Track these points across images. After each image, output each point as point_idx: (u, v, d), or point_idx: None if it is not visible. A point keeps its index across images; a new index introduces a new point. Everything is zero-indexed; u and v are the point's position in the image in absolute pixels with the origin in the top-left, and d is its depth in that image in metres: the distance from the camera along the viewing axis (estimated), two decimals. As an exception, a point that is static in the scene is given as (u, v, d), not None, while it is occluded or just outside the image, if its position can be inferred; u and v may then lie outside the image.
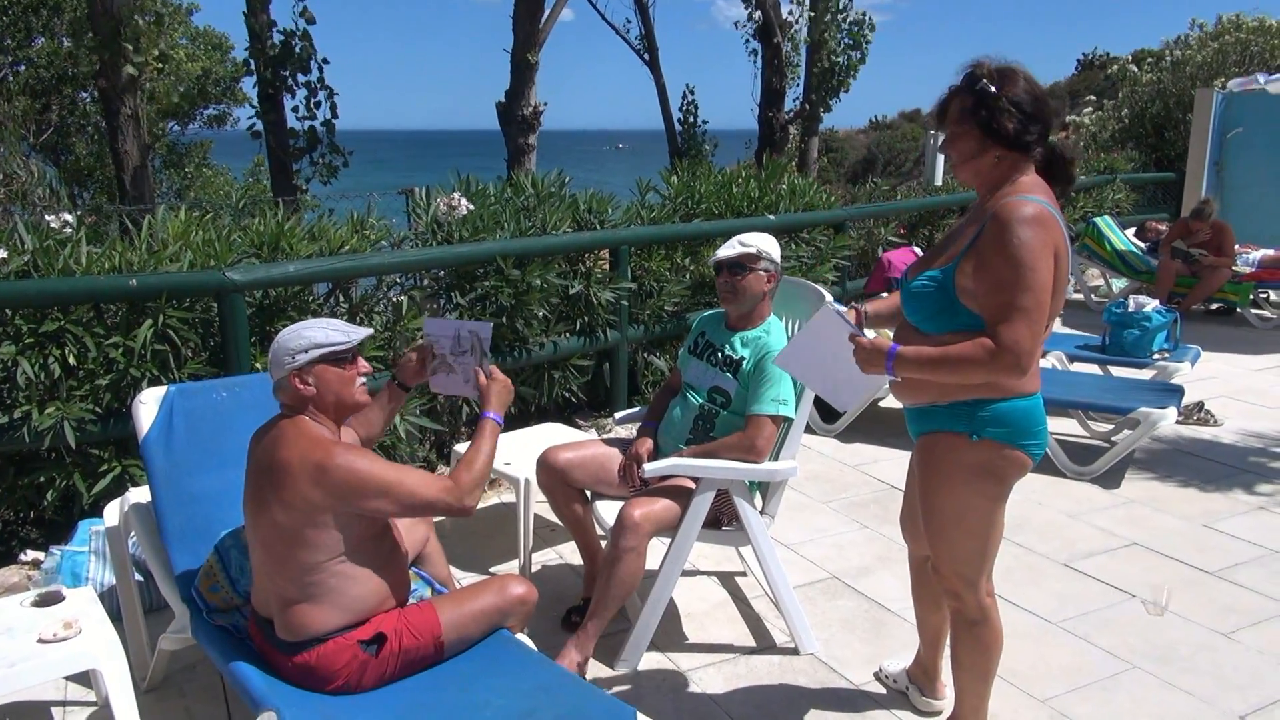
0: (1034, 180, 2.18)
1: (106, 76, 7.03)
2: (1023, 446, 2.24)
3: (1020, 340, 2.04)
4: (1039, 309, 2.06)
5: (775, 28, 12.95)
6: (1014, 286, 2.05)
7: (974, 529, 2.31)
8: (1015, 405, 2.21)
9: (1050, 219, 2.10)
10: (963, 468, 2.25)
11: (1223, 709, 2.81)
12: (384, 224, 4.52)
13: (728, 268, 3.16)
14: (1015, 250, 2.04)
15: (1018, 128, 2.12)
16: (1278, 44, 12.82)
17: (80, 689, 2.90)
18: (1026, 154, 2.17)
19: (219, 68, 17.33)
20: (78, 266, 3.52)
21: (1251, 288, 8.05)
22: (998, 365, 2.06)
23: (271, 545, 2.24)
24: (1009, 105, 2.11)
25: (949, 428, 2.25)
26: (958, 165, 2.23)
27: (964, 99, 2.17)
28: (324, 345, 2.28)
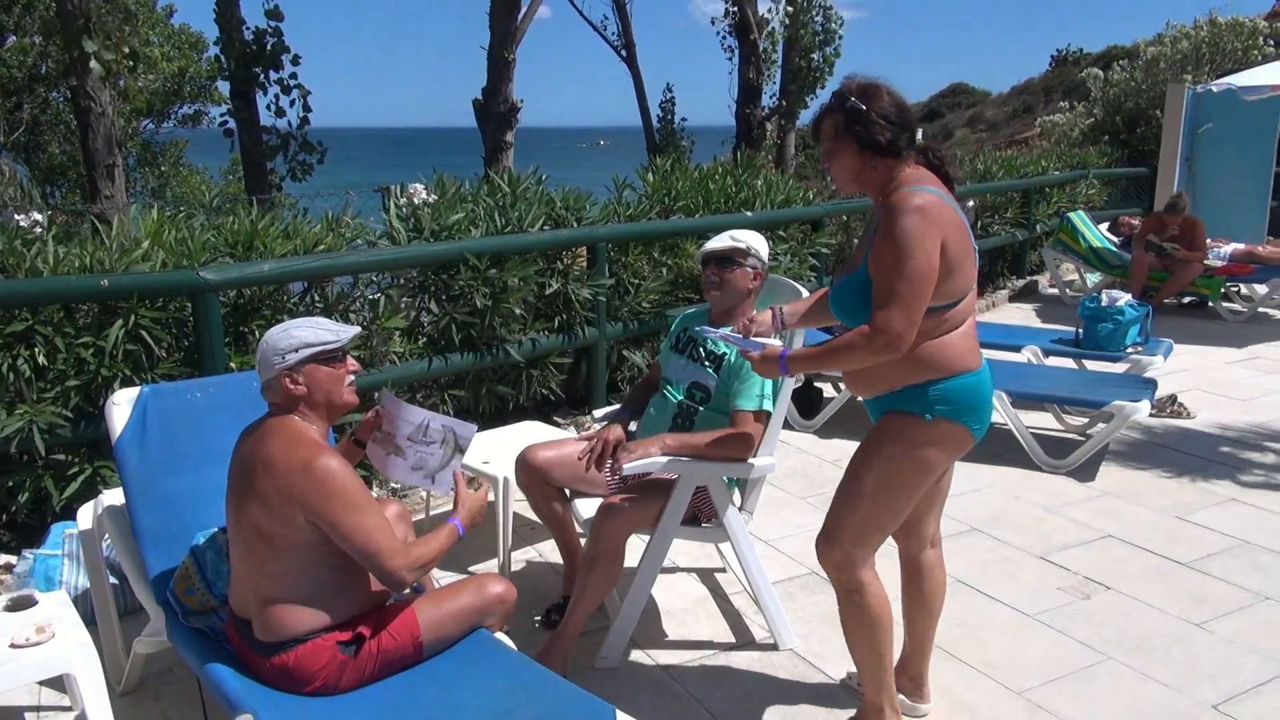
0: (918, 172, 2.34)
1: (76, 74, 6.95)
2: (967, 424, 2.35)
3: (892, 323, 2.19)
4: (913, 295, 2.19)
5: (752, 25, 12.96)
6: (892, 272, 2.20)
7: (894, 503, 2.41)
8: (960, 382, 2.33)
9: (936, 205, 2.23)
10: (908, 445, 2.36)
11: (1196, 698, 2.85)
12: (359, 222, 4.49)
13: (715, 260, 3.17)
14: (896, 238, 2.19)
15: (889, 138, 2.29)
16: (1251, 43, 12.96)
17: (54, 694, 2.87)
18: (899, 158, 2.33)
19: (195, 67, 17.18)
20: (45, 266, 3.48)
21: (1223, 281, 8.15)
22: (873, 348, 2.22)
23: (251, 544, 2.22)
24: (878, 118, 2.28)
25: (904, 408, 2.37)
26: (839, 177, 2.39)
27: (836, 117, 2.34)
28: (314, 345, 2.27)
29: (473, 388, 4.74)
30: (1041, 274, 9.69)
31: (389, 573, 2.20)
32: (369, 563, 2.21)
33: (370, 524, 2.18)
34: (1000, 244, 9.22)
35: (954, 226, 2.25)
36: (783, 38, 13.45)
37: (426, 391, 4.67)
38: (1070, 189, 10.21)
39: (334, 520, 2.16)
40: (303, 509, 2.16)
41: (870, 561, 2.47)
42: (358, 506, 2.18)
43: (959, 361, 2.32)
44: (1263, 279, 8.17)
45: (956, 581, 3.57)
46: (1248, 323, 8.05)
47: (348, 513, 2.16)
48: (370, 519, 2.19)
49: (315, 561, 2.22)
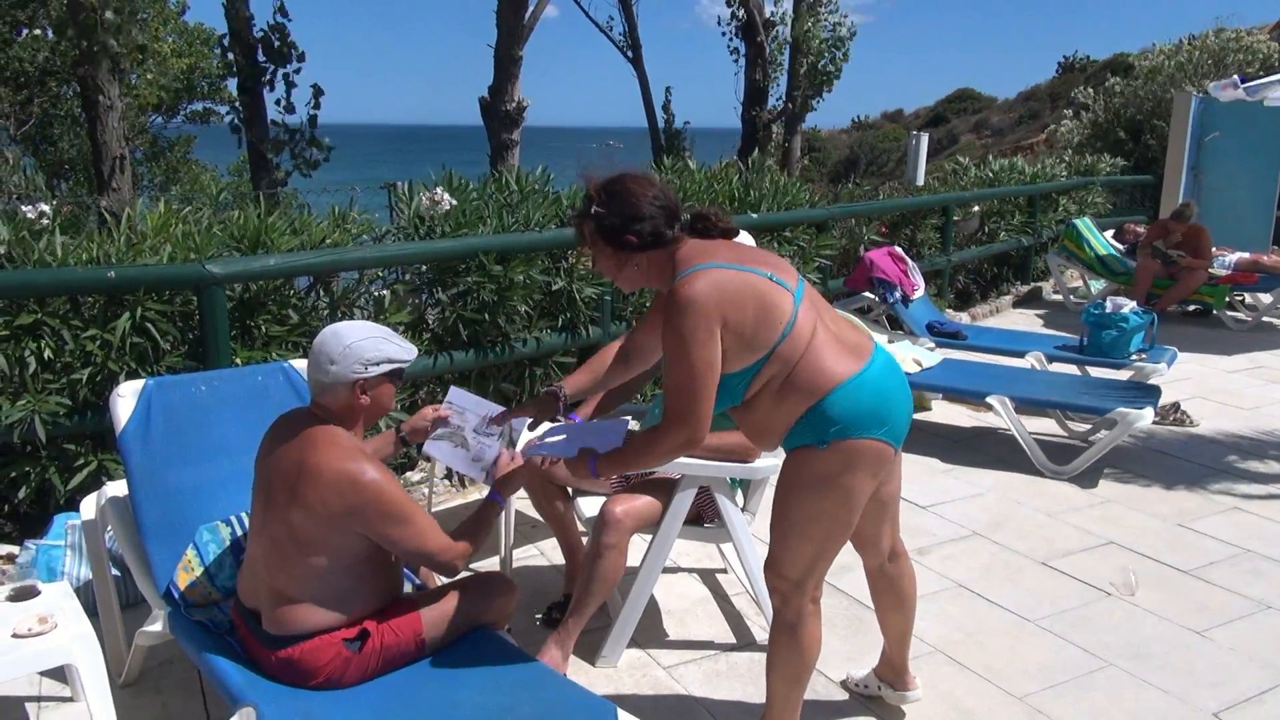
0: (692, 247, 2.25)
1: (85, 66, 6.96)
2: (870, 435, 2.22)
3: (681, 413, 2.16)
4: (699, 386, 2.14)
5: (759, 27, 12.97)
6: (674, 369, 2.16)
7: (816, 536, 2.31)
8: (837, 395, 2.20)
9: (707, 286, 2.13)
10: (815, 477, 2.26)
11: (1196, 706, 2.85)
12: (365, 218, 4.50)
13: None
14: (674, 332, 2.14)
15: (648, 234, 2.22)
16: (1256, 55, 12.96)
17: (55, 684, 2.87)
18: (663, 246, 2.24)
19: (206, 63, 17.20)
20: (53, 258, 3.49)
21: (1227, 290, 8.14)
22: (670, 438, 2.20)
23: (281, 544, 2.22)
24: (627, 218, 2.21)
25: (800, 443, 2.28)
26: (614, 278, 2.33)
27: (587, 223, 2.27)
28: (396, 361, 2.28)
29: (478, 385, 4.74)
30: (1046, 280, 9.69)
31: (443, 566, 2.30)
32: (424, 562, 2.31)
33: (421, 527, 2.25)
34: (1005, 249, 9.22)
35: (738, 294, 2.15)
36: (789, 40, 13.45)
37: (431, 388, 4.67)
38: (1076, 196, 10.20)
39: (389, 532, 2.22)
40: (351, 521, 2.18)
41: (816, 592, 2.41)
42: (407, 515, 2.22)
43: (824, 378, 2.21)
44: (1267, 288, 8.17)
45: (957, 586, 3.58)
46: (1252, 331, 8.04)
47: (400, 524, 2.21)
48: (420, 522, 2.25)
49: (340, 567, 2.24)
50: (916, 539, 3.96)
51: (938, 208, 8.12)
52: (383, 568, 2.33)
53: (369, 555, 2.27)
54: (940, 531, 4.04)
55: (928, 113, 39.11)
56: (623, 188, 2.25)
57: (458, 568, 2.33)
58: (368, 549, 2.25)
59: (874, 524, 2.53)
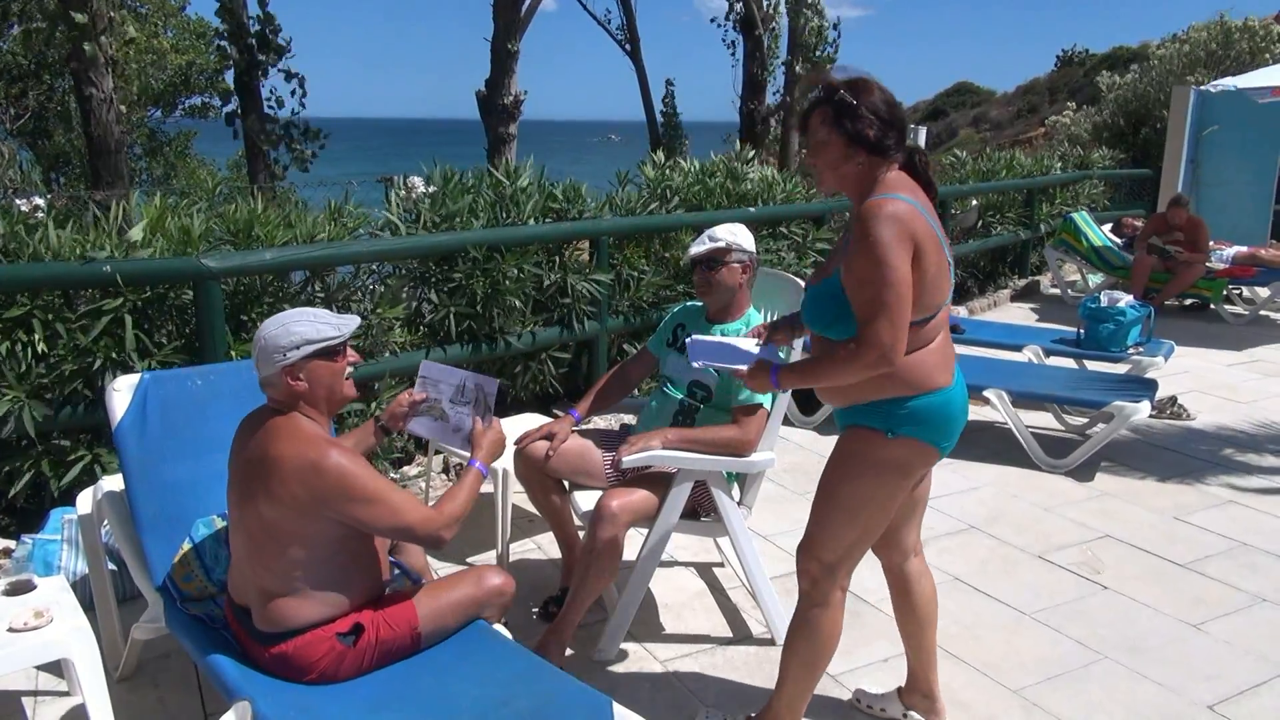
0: (898, 177, 2.26)
1: (78, 59, 6.94)
2: (933, 443, 2.29)
3: (879, 335, 2.11)
4: (897, 303, 2.11)
5: (756, 20, 12.95)
6: (872, 283, 2.12)
7: (865, 521, 2.33)
8: (929, 401, 2.25)
9: (909, 213, 2.16)
10: (874, 463, 2.30)
11: (1191, 699, 2.85)
12: (361, 212, 4.49)
13: (701, 263, 3.17)
14: (871, 248, 2.12)
15: (877, 134, 2.21)
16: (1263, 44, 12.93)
17: (52, 679, 2.87)
18: (886, 157, 2.25)
19: (204, 58, 17.16)
20: (48, 251, 3.48)
21: (1225, 284, 8.14)
22: (865, 362, 2.14)
23: (255, 537, 2.22)
24: (868, 113, 2.21)
25: (867, 423, 2.30)
26: (822, 172, 2.31)
27: (824, 111, 2.25)
28: (315, 341, 2.24)
29: (473, 380, 4.73)
30: (1043, 274, 9.69)
31: (426, 538, 2.26)
32: (405, 537, 2.26)
33: (395, 503, 2.21)
34: (1003, 243, 9.22)
35: (929, 239, 2.18)
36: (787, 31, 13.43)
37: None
38: (1074, 189, 10.20)
39: (359, 514, 2.19)
40: (321, 508, 2.16)
41: (846, 580, 2.41)
42: (378, 493, 2.19)
43: (929, 379, 2.25)
44: (1265, 282, 8.17)
45: (954, 579, 3.58)
46: (1249, 325, 8.04)
47: (371, 503, 2.18)
48: (393, 499, 2.21)
49: (320, 557, 2.23)
50: (913, 532, 3.96)
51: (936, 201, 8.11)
52: (364, 556, 2.32)
53: (346, 543, 2.25)
54: (937, 525, 4.04)
55: (926, 106, 39.06)
56: (877, 88, 2.25)
57: (443, 538, 2.26)
58: (343, 536, 2.23)
59: (904, 518, 2.53)
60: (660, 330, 3.41)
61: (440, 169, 4.85)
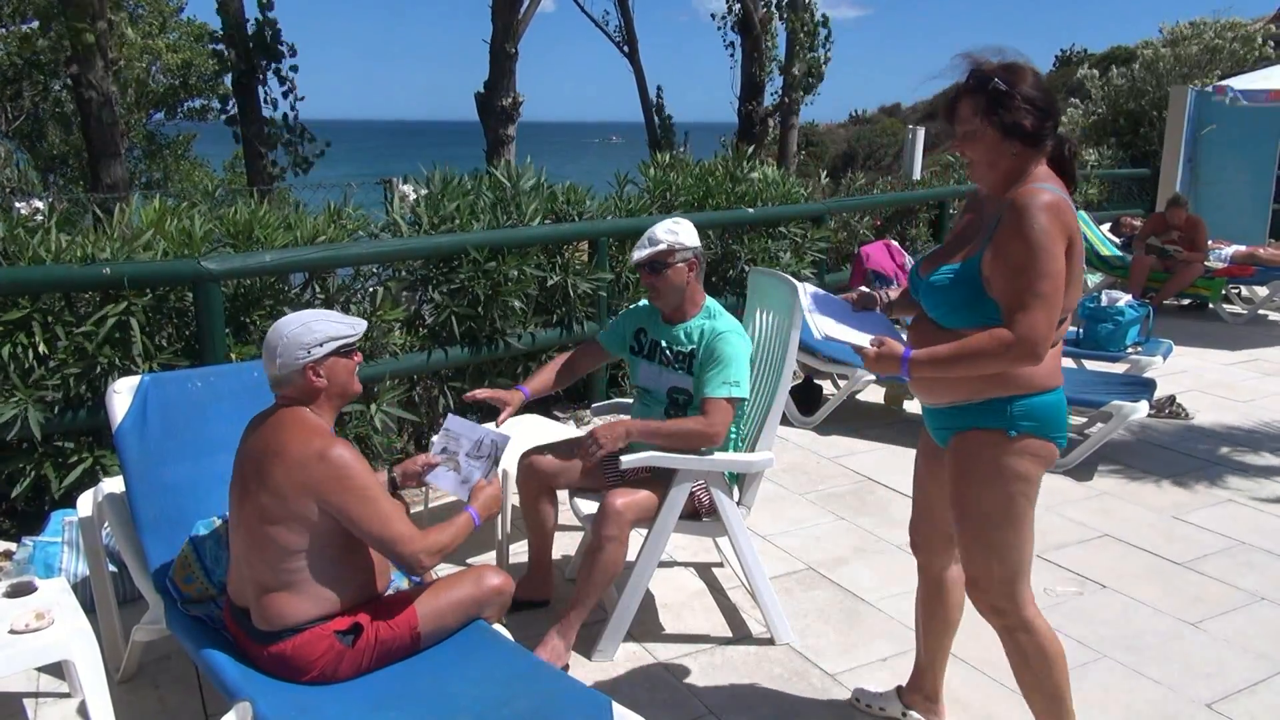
0: (1046, 171, 2.17)
1: (78, 62, 6.94)
2: (1053, 438, 2.20)
3: (1036, 327, 2.02)
4: (1055, 295, 2.04)
5: (755, 21, 12.95)
6: (1029, 272, 2.03)
7: (1014, 530, 2.22)
8: (1046, 400, 2.18)
9: (1066, 207, 2.08)
10: (1002, 466, 2.18)
11: (1189, 697, 2.86)
12: (361, 214, 4.50)
13: (644, 267, 3.11)
14: (1031, 236, 2.03)
15: (1035, 123, 2.11)
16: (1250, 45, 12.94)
17: (53, 680, 2.88)
18: (1039, 148, 2.15)
19: (201, 60, 17.16)
20: (48, 254, 3.48)
21: (1223, 283, 8.15)
22: (1013, 354, 2.05)
23: (255, 532, 2.24)
24: (1024, 103, 2.10)
25: (986, 425, 2.19)
26: (976, 164, 2.20)
27: (976, 99, 2.13)
28: (337, 338, 2.32)
29: (473, 380, 4.74)
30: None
31: (406, 558, 2.26)
32: (386, 549, 2.26)
33: (386, 511, 2.24)
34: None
35: (1078, 236, 2.10)
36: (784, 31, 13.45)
37: (426, 384, 4.68)
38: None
39: (350, 509, 2.21)
40: (317, 498, 2.19)
41: (1030, 595, 2.27)
42: (373, 495, 2.23)
43: (1050, 378, 2.17)
44: (1263, 281, 8.17)
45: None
46: (1248, 325, 8.05)
47: (364, 502, 2.21)
48: (385, 506, 2.24)
49: (317, 552, 2.24)
50: (912, 532, 3.97)
51: (933, 202, 8.12)
52: (359, 554, 2.33)
53: (342, 537, 2.26)
54: (936, 525, 4.05)
55: (925, 106, 39.07)
56: (1025, 71, 2.13)
57: (421, 562, 2.26)
58: (339, 529, 2.25)
59: (949, 522, 2.39)
60: (617, 330, 3.35)
61: (439, 171, 4.86)
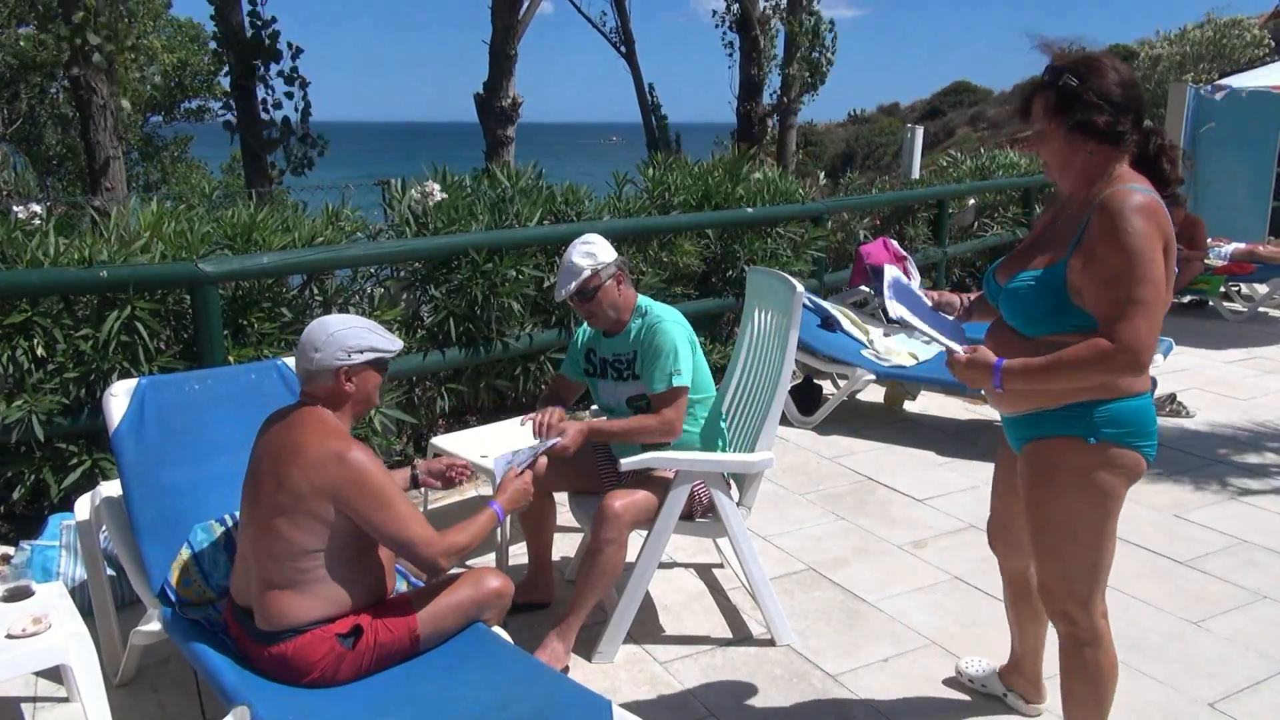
0: (1131, 171, 2.08)
1: (78, 65, 6.94)
2: (1139, 447, 2.12)
3: (1139, 336, 1.94)
4: (1157, 300, 1.95)
5: (753, 20, 12.95)
6: (1129, 279, 1.94)
7: (1089, 541, 2.17)
8: (1131, 405, 2.09)
9: (1160, 209, 2.00)
10: (1079, 474, 2.12)
11: (1191, 696, 2.85)
12: (359, 215, 4.49)
13: (575, 298, 3.05)
14: (1128, 240, 1.94)
15: (1109, 120, 2.03)
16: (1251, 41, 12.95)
17: (51, 685, 2.87)
18: (1120, 146, 2.06)
19: (195, 59, 17.16)
20: (46, 258, 3.48)
21: (1222, 280, 8.14)
22: (1115, 365, 1.97)
23: (265, 526, 2.24)
24: (1097, 99, 2.02)
25: (1064, 432, 2.13)
26: (1049, 165, 2.14)
27: (1047, 96, 2.08)
28: (380, 351, 2.34)
29: (471, 382, 4.74)
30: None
31: (425, 560, 2.27)
32: (405, 552, 2.28)
33: (403, 514, 2.25)
34: (1000, 243, 9.21)
35: (1171, 236, 2.00)
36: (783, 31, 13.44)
37: (425, 386, 4.67)
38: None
39: (367, 512, 2.21)
40: (333, 500, 2.20)
41: (1103, 608, 2.24)
42: (391, 498, 2.24)
43: (1136, 383, 2.08)
44: (1263, 278, 8.16)
45: (954, 578, 3.58)
46: (1248, 322, 8.04)
47: (381, 505, 2.22)
48: (403, 509, 2.25)
49: (333, 553, 2.25)
50: (913, 531, 3.96)
51: (932, 201, 8.11)
52: (369, 557, 2.33)
53: (355, 539, 2.27)
54: (936, 524, 4.04)
55: (924, 105, 39.10)
56: (1112, 69, 2.05)
57: (439, 565, 2.28)
58: (353, 531, 2.25)
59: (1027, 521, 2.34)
60: (572, 359, 3.32)
61: (442, 170, 4.85)
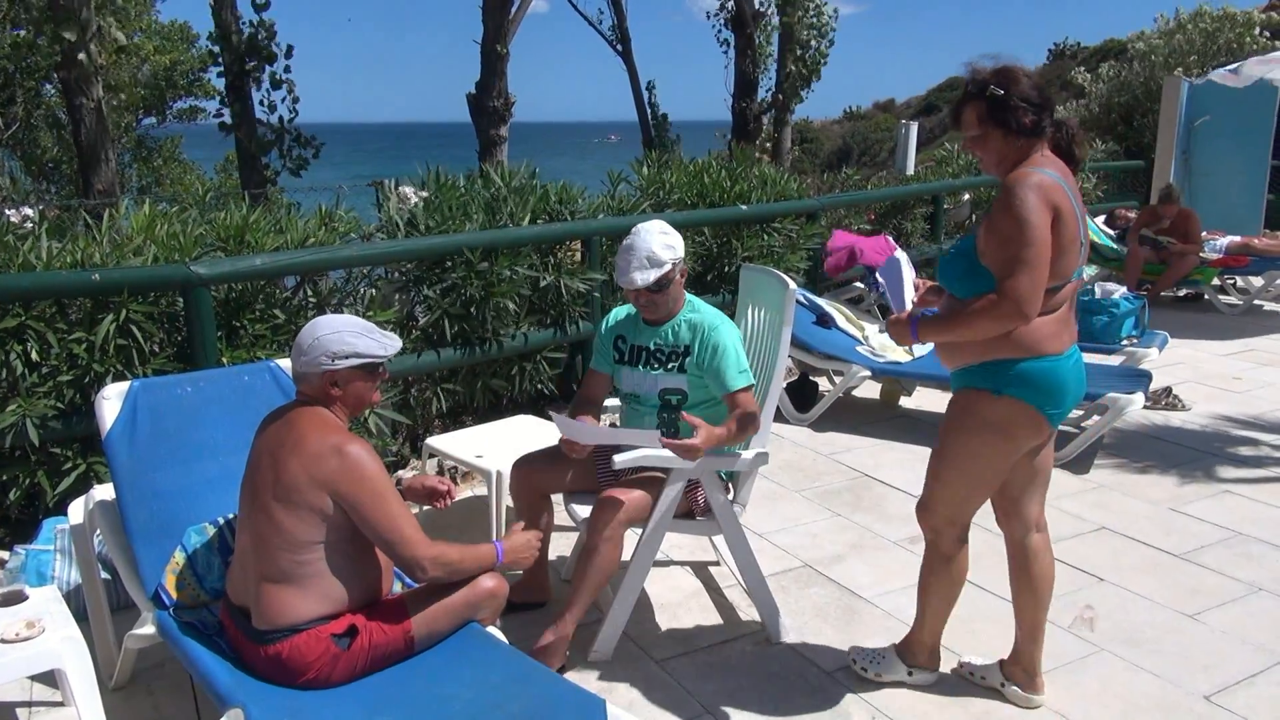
0: (1046, 156, 2.42)
1: (66, 67, 6.92)
2: (1041, 408, 2.44)
3: (1019, 288, 2.27)
4: (1039, 260, 2.27)
5: (748, 18, 12.94)
6: (1013, 240, 2.28)
7: (972, 477, 2.56)
8: (1037, 365, 2.41)
9: (1052, 184, 2.32)
10: (981, 420, 2.49)
11: (1188, 689, 2.85)
12: (353, 216, 4.48)
13: (649, 290, 3.02)
14: (1016, 209, 2.28)
15: (1034, 119, 2.37)
16: (1244, 32, 12.95)
17: (45, 689, 2.86)
18: (1041, 137, 2.41)
19: (186, 58, 17.14)
20: (38, 261, 3.47)
21: (1218, 273, 8.15)
22: (1000, 313, 2.31)
23: (264, 524, 2.24)
24: (1021, 102, 2.36)
25: (976, 385, 2.49)
26: (985, 161, 2.47)
27: (978, 105, 2.41)
28: (365, 356, 2.33)
29: (467, 382, 4.73)
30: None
31: (410, 560, 2.27)
32: (392, 550, 2.28)
33: (395, 511, 2.26)
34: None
35: (1067, 211, 2.33)
36: (777, 28, 13.43)
37: (421, 386, 4.66)
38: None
39: (361, 505, 2.22)
40: (331, 492, 2.21)
41: (965, 532, 2.65)
42: (385, 495, 2.25)
43: (1040, 344, 2.40)
44: (1258, 271, 8.17)
45: (950, 574, 3.58)
46: (1243, 315, 8.05)
47: (375, 500, 2.23)
48: (396, 507, 2.26)
49: (332, 547, 2.25)
50: (910, 528, 3.96)
51: (927, 196, 8.12)
52: (369, 553, 2.34)
53: (353, 534, 2.27)
54: (933, 520, 4.04)
55: (919, 102, 39.06)
56: (1018, 73, 2.39)
57: (424, 566, 2.28)
58: (351, 525, 2.26)
59: (1022, 487, 2.67)
60: (600, 348, 3.28)
61: (434, 171, 4.84)
